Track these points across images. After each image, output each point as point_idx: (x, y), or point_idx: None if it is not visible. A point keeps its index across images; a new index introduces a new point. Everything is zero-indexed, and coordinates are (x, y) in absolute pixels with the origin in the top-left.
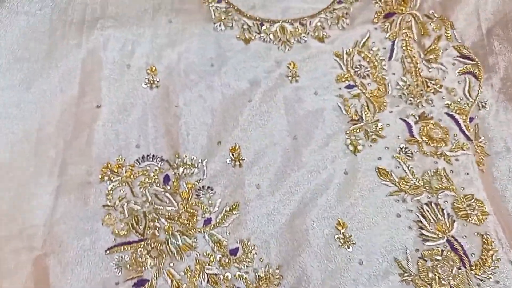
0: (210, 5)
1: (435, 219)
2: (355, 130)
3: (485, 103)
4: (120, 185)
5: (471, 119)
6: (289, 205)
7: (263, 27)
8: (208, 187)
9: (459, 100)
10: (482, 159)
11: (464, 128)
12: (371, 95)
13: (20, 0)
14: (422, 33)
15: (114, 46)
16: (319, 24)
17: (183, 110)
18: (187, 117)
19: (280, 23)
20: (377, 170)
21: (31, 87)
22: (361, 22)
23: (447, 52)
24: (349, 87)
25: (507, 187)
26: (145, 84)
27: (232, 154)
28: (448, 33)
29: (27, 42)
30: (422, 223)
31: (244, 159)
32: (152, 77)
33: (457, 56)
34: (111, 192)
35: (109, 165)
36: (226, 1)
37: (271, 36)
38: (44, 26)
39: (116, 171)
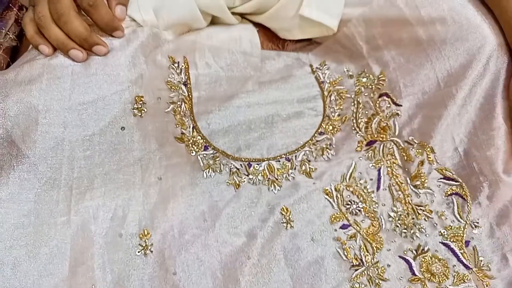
0: (198, 154)
1: None
2: (357, 277)
3: (477, 222)
4: None
5: (467, 243)
6: None
7: (251, 168)
8: None
9: (450, 224)
10: (486, 286)
11: (461, 257)
12: (366, 233)
13: (4, 189)
14: (405, 159)
15: (105, 216)
16: (304, 157)
17: (181, 278)
18: (186, 287)
19: (267, 161)
20: None
21: (17, 272)
22: (345, 152)
23: (432, 175)
24: (343, 227)
25: None
26: (138, 252)
27: None
28: (430, 157)
29: (12, 230)
30: None
31: None
32: (146, 242)
33: (441, 178)
34: None
35: None
36: (212, 147)
37: (259, 176)
38: (28, 210)
39: None
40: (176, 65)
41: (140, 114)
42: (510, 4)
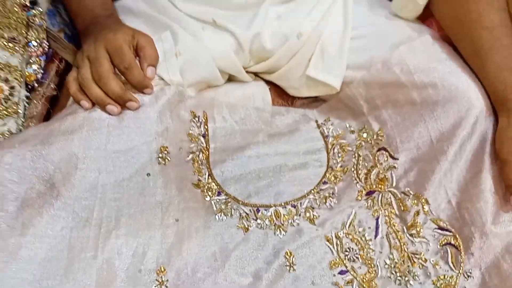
0: (212, 199)
1: None
2: None
3: (470, 273)
4: None
5: None
6: None
7: (259, 213)
8: None
9: (444, 273)
10: None
11: None
12: (362, 279)
13: (44, 225)
14: (402, 209)
15: (127, 253)
16: (309, 205)
17: None
18: None
19: (274, 208)
20: None
21: None
22: (346, 201)
23: (427, 225)
24: (342, 273)
25: None
26: (155, 286)
27: None
28: (425, 208)
29: (47, 263)
30: None
31: None
32: (162, 278)
33: (436, 228)
34: None
35: None
36: (225, 193)
37: (267, 221)
38: (63, 245)
39: None
40: (196, 119)
41: (164, 162)
42: (492, 69)
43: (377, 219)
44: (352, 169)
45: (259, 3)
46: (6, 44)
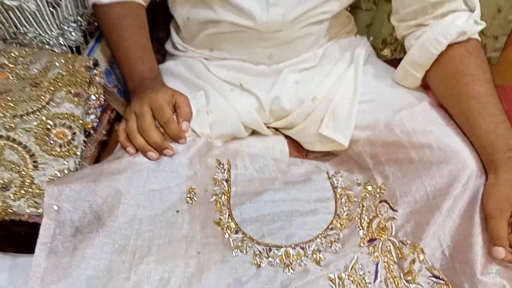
0: (230, 237)
1: None
2: None
3: None
4: None
5: None
6: None
7: (271, 252)
8: None
9: None
10: None
11: None
12: None
13: (91, 249)
14: (400, 256)
15: (155, 277)
16: (316, 247)
17: None
18: None
19: (285, 248)
20: None
21: None
22: (350, 246)
23: (422, 272)
24: None
25: None
26: None
27: None
28: (420, 257)
29: (90, 281)
30: None
31: None
32: None
33: (430, 276)
34: None
35: None
36: (242, 232)
37: (277, 260)
38: (103, 266)
39: None
40: (221, 166)
41: (191, 202)
42: (480, 134)
43: (376, 264)
44: (356, 218)
45: (279, 71)
46: (72, 98)
